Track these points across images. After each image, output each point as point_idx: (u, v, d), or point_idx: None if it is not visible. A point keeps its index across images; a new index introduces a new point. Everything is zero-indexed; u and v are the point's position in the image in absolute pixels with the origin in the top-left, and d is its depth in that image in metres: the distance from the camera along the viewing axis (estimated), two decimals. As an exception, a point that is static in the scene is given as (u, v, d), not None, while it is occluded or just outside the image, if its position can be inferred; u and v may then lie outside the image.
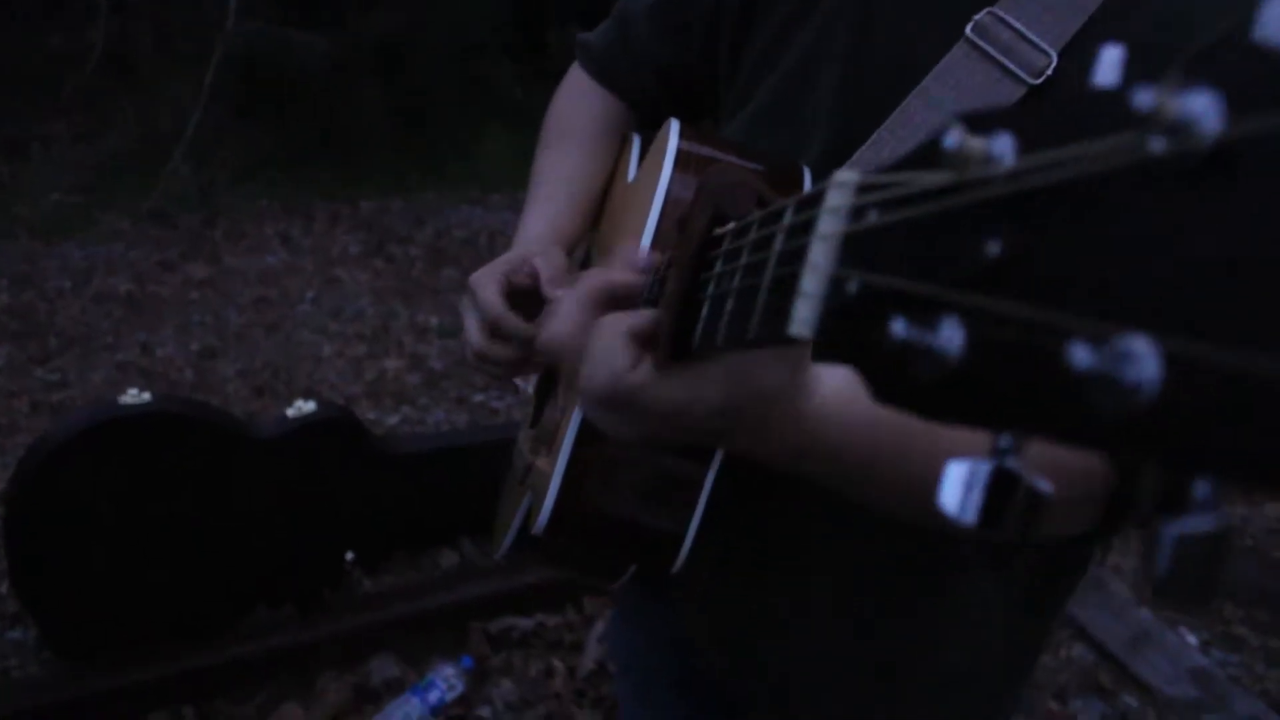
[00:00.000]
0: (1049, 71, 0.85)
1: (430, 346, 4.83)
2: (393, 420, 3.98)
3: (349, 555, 2.74)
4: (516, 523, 1.19)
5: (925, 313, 0.31)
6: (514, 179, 7.11)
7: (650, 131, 1.32)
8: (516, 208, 5.05)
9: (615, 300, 0.67)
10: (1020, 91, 0.86)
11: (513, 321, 1.12)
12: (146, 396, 2.27)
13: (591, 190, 1.33)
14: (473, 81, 7.58)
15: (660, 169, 0.93)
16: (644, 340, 0.62)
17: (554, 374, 1.25)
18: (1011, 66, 0.86)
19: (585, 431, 0.94)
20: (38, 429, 4.10)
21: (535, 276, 1.15)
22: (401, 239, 6.25)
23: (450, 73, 7.42)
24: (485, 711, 2.50)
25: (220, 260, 5.79)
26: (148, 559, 2.44)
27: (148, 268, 5.66)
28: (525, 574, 2.75)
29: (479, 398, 4.22)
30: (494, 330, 1.12)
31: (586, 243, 1.36)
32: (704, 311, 0.54)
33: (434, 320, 5.11)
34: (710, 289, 0.54)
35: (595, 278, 0.69)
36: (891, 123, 0.89)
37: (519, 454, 1.42)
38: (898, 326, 0.32)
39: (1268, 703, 2.78)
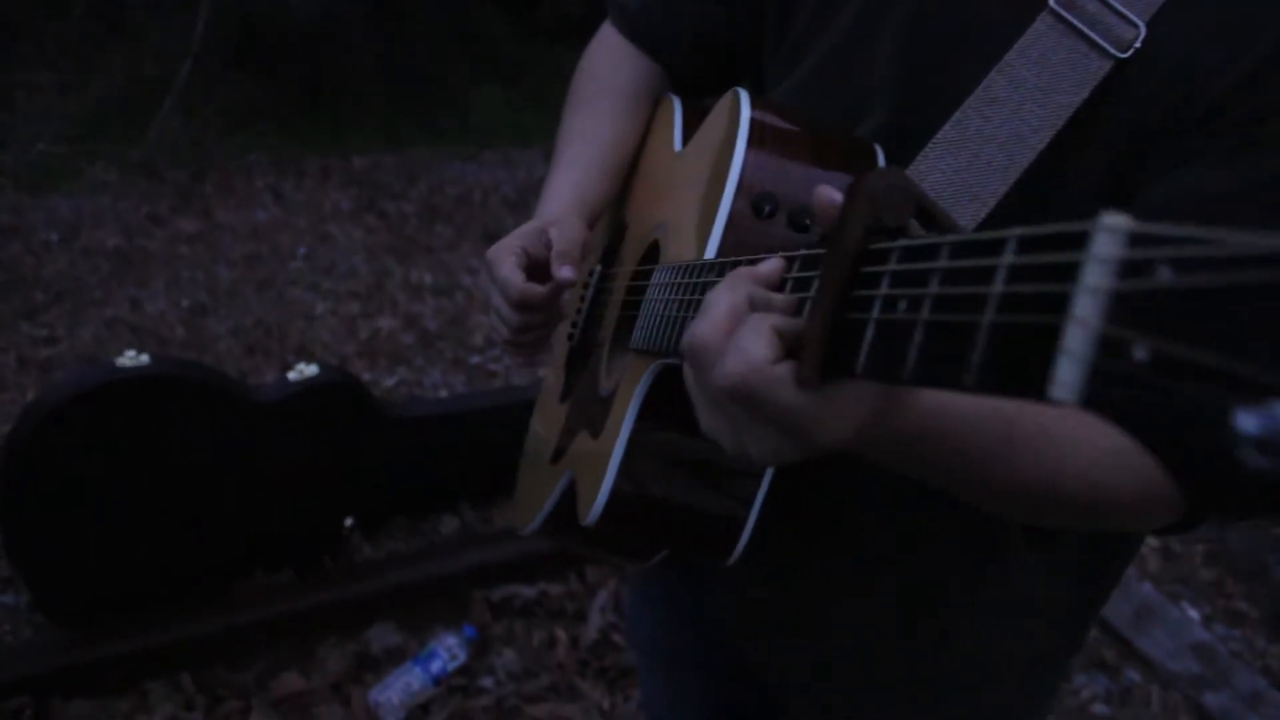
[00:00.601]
0: (1137, 44, 0.80)
1: (424, 305, 4.77)
2: (389, 382, 3.92)
3: (348, 521, 2.69)
4: (550, 503, 1.14)
5: (1259, 398, 0.26)
6: (507, 135, 7.03)
7: (683, 95, 1.27)
8: (509, 165, 4.99)
9: (768, 304, 0.61)
10: (1106, 66, 0.81)
11: (536, 291, 1.08)
12: (145, 359, 2.21)
13: (621, 154, 1.28)
14: (466, 36, 7.46)
15: (731, 143, 0.87)
16: (789, 343, 0.57)
17: (589, 347, 1.20)
18: (1097, 39, 0.81)
19: (645, 418, 0.90)
20: (25, 385, 4.04)
21: (550, 249, 1.11)
22: (394, 195, 6.16)
23: (443, 27, 7.30)
24: (488, 681, 2.47)
25: (210, 215, 5.70)
26: (144, 523, 2.39)
27: (136, 221, 5.56)
28: (527, 542, 2.70)
29: (475, 359, 4.17)
30: (521, 305, 1.08)
31: (616, 210, 1.30)
32: (868, 335, 0.48)
33: (428, 278, 5.05)
34: (875, 311, 0.48)
35: (747, 282, 0.63)
36: (976, 101, 0.84)
37: (540, 428, 1.38)
38: (1238, 416, 0.27)
39: (1269, 679, 2.77)
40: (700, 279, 0.78)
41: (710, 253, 0.83)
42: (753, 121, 0.87)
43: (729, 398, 0.58)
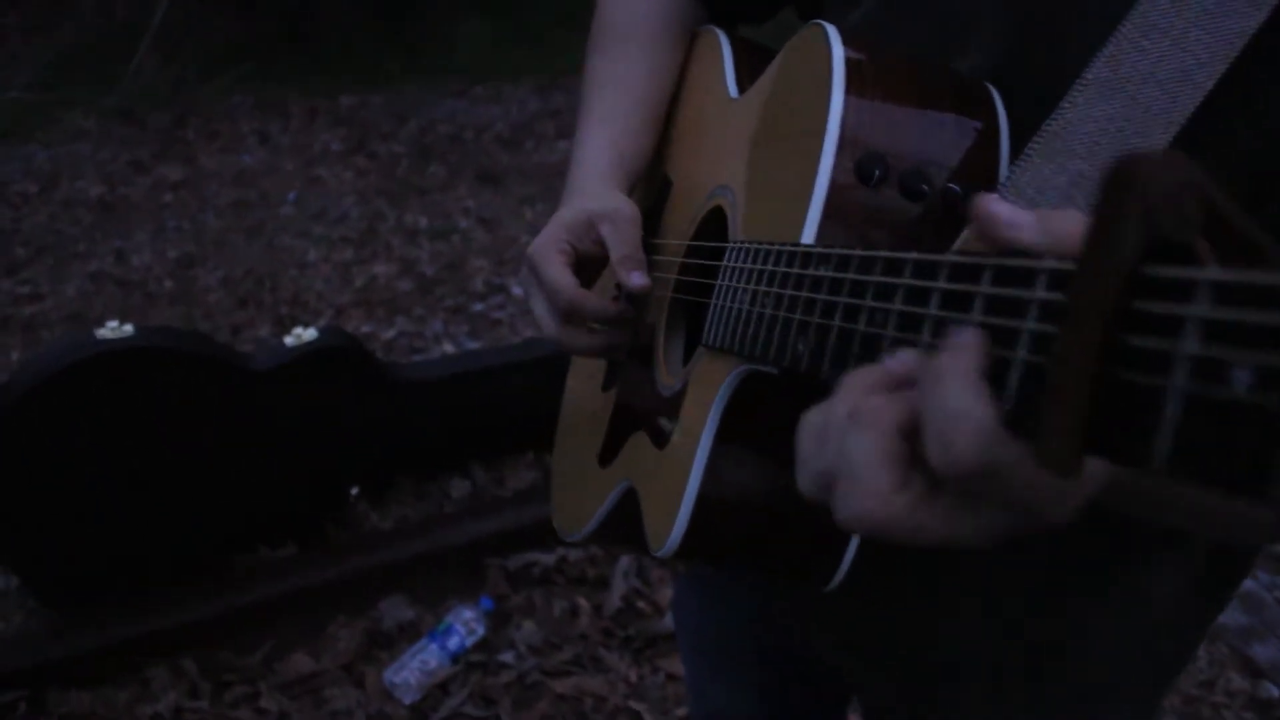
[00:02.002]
0: None
1: (420, 250, 4.60)
2: (389, 334, 3.76)
3: (353, 490, 2.55)
4: (602, 513, 0.99)
5: None
6: (496, 70, 6.79)
7: (726, 28, 1.09)
8: (501, 101, 4.78)
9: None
10: None
11: (593, 304, 0.92)
12: (128, 329, 2.04)
13: (660, 101, 1.11)
14: (451, -34, 7.20)
15: (822, 90, 0.69)
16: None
17: (635, 328, 1.03)
18: None
19: (726, 434, 0.74)
20: (10, 345, 3.90)
21: (602, 244, 0.95)
22: (384, 135, 5.96)
23: (429, -44, 7.04)
24: (508, 656, 2.35)
25: (194, 161, 5.50)
26: (136, 501, 2.24)
27: (117, 169, 5.37)
28: (545, 505, 2.56)
29: (478, 307, 4.01)
30: (569, 315, 0.91)
31: (653, 163, 1.12)
32: (1169, 412, 0.32)
33: (423, 221, 4.87)
34: (1180, 378, 0.32)
35: (886, 415, 0.45)
36: (1131, 29, 0.67)
37: (579, 416, 1.21)
38: None
39: (1317, 626, 2.66)
40: (804, 270, 0.62)
41: (809, 231, 0.67)
42: (848, 62, 0.70)
43: (963, 477, 0.42)
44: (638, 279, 0.90)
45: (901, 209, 0.67)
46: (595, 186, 0.99)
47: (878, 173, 0.67)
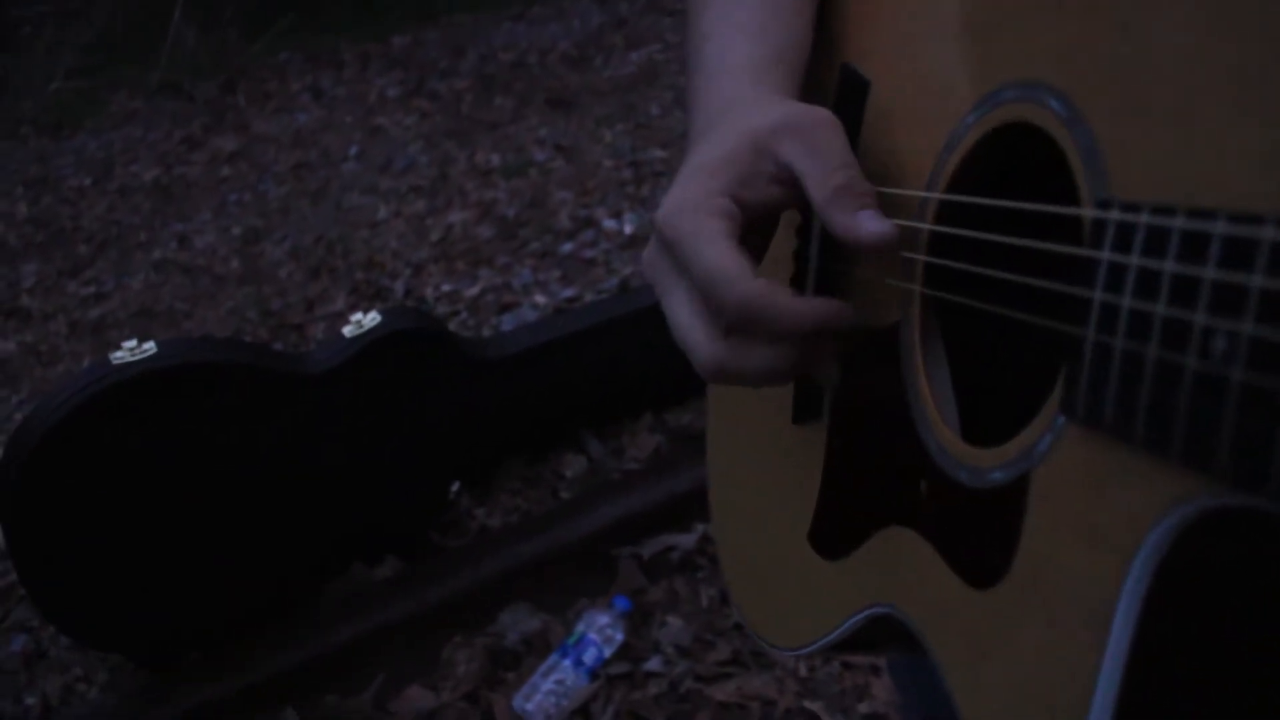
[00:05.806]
0: None
1: (496, 190, 4.24)
2: (473, 291, 3.40)
3: (454, 487, 2.20)
4: (841, 633, 0.61)
5: None
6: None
7: None
8: (563, 17, 4.21)
9: None
10: None
11: (787, 304, 0.51)
12: (150, 347, 1.69)
13: None
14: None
15: None
16: None
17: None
18: None
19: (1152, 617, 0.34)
20: (80, 353, 3.67)
21: (783, 181, 0.54)
22: (443, 72, 5.60)
23: None
24: (655, 663, 1.99)
25: (248, 127, 5.23)
26: (201, 538, 1.92)
27: (170, 148, 5.12)
28: (674, 478, 2.19)
29: (566, 247, 3.62)
30: (743, 322, 0.50)
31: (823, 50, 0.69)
32: None
33: (495, 159, 4.51)
34: None
35: None
36: None
37: (746, 453, 0.80)
38: None
39: None
40: None
41: None
42: None
43: None
44: (873, 222, 0.49)
45: None
46: (751, 96, 0.57)
47: None
